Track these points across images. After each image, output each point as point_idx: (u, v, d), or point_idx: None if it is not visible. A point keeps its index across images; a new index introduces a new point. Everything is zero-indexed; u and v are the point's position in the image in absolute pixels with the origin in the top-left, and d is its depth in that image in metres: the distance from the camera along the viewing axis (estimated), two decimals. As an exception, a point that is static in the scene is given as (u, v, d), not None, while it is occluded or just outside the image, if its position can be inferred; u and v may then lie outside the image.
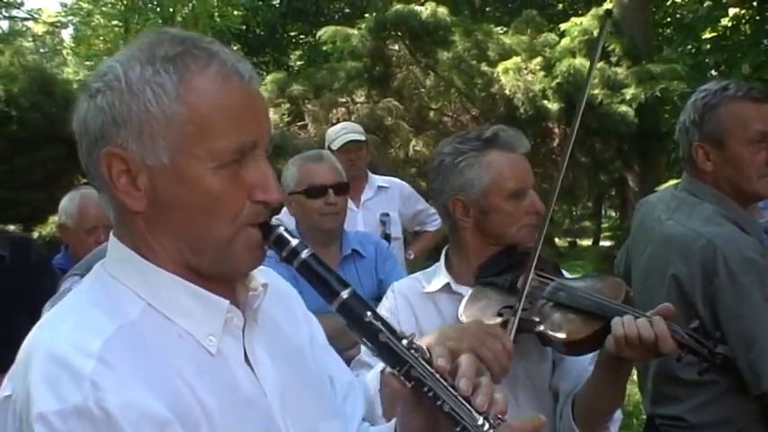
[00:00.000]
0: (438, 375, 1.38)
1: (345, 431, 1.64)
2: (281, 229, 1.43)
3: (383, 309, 2.58)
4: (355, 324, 1.41)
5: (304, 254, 1.42)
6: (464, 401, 1.36)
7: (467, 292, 2.52)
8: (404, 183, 6.24)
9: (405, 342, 1.40)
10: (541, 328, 2.34)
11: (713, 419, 2.81)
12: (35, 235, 10.07)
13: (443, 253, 2.67)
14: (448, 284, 2.57)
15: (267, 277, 1.57)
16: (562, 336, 2.31)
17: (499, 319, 2.37)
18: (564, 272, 2.59)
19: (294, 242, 1.42)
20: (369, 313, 1.41)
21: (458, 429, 1.35)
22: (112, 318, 1.34)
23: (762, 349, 2.58)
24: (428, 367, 1.39)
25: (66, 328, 1.32)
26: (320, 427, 1.53)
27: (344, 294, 1.41)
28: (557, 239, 21.39)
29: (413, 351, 1.40)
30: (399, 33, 11.64)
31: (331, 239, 3.79)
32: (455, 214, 2.53)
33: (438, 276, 2.61)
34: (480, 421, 1.35)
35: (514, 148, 2.53)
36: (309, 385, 1.57)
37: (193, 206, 1.36)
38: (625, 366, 2.27)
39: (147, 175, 1.35)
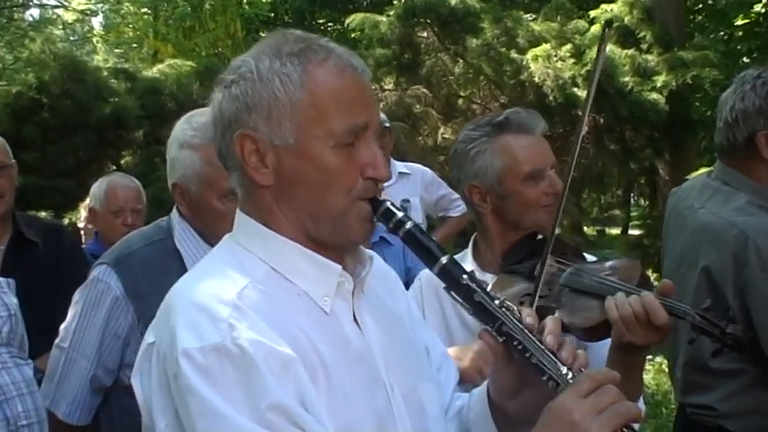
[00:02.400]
0: (527, 331, 1.57)
1: (440, 395, 1.81)
2: (389, 203, 1.62)
3: (411, 297, 2.58)
4: (453, 285, 1.61)
5: (408, 224, 1.61)
6: (551, 353, 1.55)
7: (491, 279, 2.51)
8: (426, 168, 6.25)
9: (497, 302, 1.59)
10: (561, 315, 2.32)
11: (743, 409, 2.79)
12: (65, 222, 10.16)
13: (472, 240, 2.67)
14: (472, 272, 2.55)
15: (376, 259, 1.78)
16: (578, 322, 2.32)
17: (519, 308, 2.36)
18: (588, 256, 2.57)
19: (400, 214, 1.62)
20: (465, 276, 1.60)
21: (544, 378, 1.53)
22: (243, 275, 1.56)
23: None
24: (518, 324, 1.58)
25: (205, 283, 1.55)
26: (419, 388, 1.71)
27: (444, 260, 1.60)
28: (585, 228, 21.28)
29: (504, 309, 1.59)
30: (428, 20, 11.60)
31: None
32: (473, 201, 2.55)
33: (464, 263, 2.58)
34: (565, 371, 1.52)
35: (529, 129, 2.53)
36: (408, 350, 1.76)
37: (313, 180, 1.57)
38: (637, 355, 2.26)
39: (274, 153, 1.57)
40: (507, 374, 1.67)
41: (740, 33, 20.43)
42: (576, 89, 10.81)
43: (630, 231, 21.23)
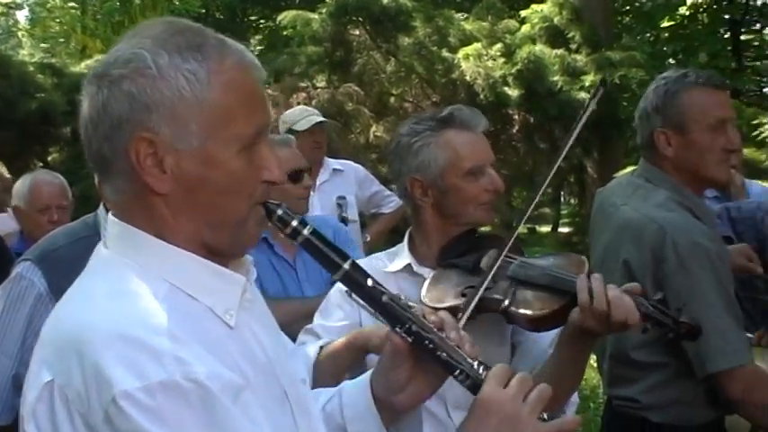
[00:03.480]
0: (435, 330, 1.60)
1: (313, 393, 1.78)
2: (284, 208, 1.54)
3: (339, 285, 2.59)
4: (357, 290, 1.60)
5: (306, 231, 1.55)
6: (459, 349, 1.59)
7: (428, 274, 2.52)
8: (358, 166, 6.26)
9: (402, 303, 1.61)
10: (506, 305, 2.36)
11: (663, 401, 2.85)
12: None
13: (407, 234, 2.67)
14: (409, 265, 2.57)
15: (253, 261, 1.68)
16: (527, 312, 2.33)
17: (462, 300, 2.38)
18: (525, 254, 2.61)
19: (296, 220, 1.55)
20: (369, 280, 1.58)
21: (456, 373, 1.57)
22: (153, 296, 1.38)
23: (705, 335, 2.63)
24: (426, 323, 1.60)
25: (119, 309, 1.35)
26: (301, 390, 1.63)
27: (346, 266, 1.56)
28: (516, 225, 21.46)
29: (410, 310, 1.61)
30: (360, 18, 11.61)
31: None
32: (414, 195, 2.53)
33: (400, 257, 2.61)
34: (476, 365, 1.57)
35: (471, 126, 2.53)
36: (283, 352, 1.66)
37: (218, 187, 1.44)
38: (588, 342, 2.29)
39: (175, 158, 1.41)
40: (402, 371, 1.67)
41: (666, 35, 20.90)
42: (506, 88, 10.93)
43: (560, 229, 21.56)
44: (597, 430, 3.45)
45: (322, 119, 5.83)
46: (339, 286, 2.53)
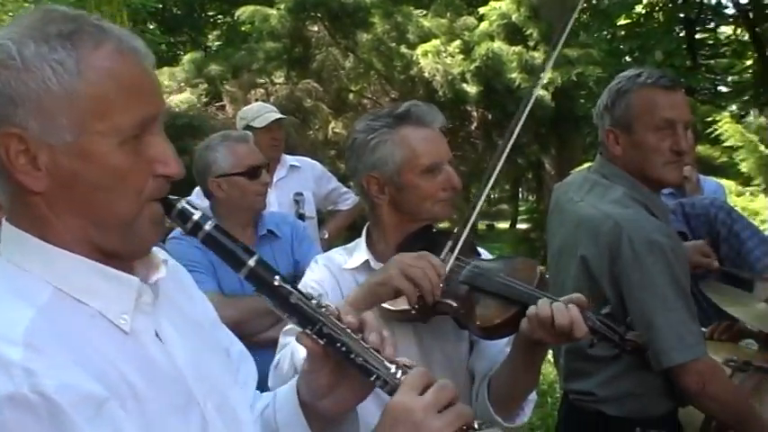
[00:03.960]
0: (348, 331, 1.47)
1: (247, 398, 1.68)
2: (184, 203, 1.45)
3: (310, 279, 2.55)
4: (265, 289, 1.47)
5: (208, 225, 1.45)
6: (375, 353, 1.46)
7: None
8: (316, 162, 6.25)
9: (314, 302, 1.48)
10: (458, 312, 2.35)
11: (619, 393, 2.88)
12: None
13: (365, 230, 2.66)
14: (367, 262, 2.55)
15: (168, 260, 1.59)
16: (480, 321, 2.32)
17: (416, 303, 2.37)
18: (481, 250, 2.61)
19: (197, 215, 1.44)
20: (277, 277, 1.46)
21: (372, 378, 1.45)
22: (26, 303, 1.30)
23: (658, 330, 2.66)
24: (339, 323, 1.47)
25: None
26: (229, 395, 1.56)
27: (251, 262, 1.45)
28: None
29: (322, 310, 1.47)
30: (319, 15, 11.58)
31: (253, 220, 3.77)
32: (370, 192, 2.51)
33: (358, 253, 2.59)
34: (393, 369, 1.45)
35: (428, 122, 2.52)
36: (212, 356, 1.58)
37: (98, 183, 1.34)
38: (540, 349, 2.30)
39: (49, 154, 1.32)
40: (322, 375, 1.56)
41: (622, 33, 21.10)
42: (464, 85, 10.97)
43: (518, 225, 21.68)
44: (555, 425, 3.47)
45: (280, 116, 5.82)
46: (309, 282, 2.52)
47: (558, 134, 11.63)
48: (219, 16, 25.03)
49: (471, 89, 10.96)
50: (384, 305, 2.37)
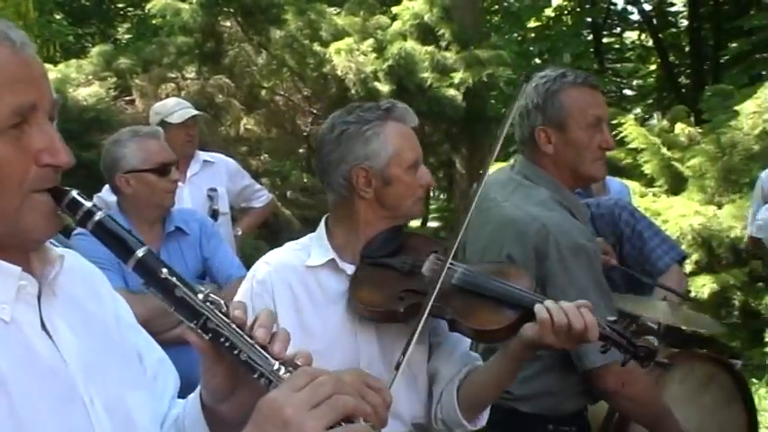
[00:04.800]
0: (234, 326, 1.42)
1: (154, 403, 1.63)
2: (74, 193, 1.42)
3: (255, 282, 2.52)
4: (152, 281, 1.44)
5: (99, 215, 1.43)
6: (261, 349, 1.41)
7: (350, 269, 2.51)
8: (230, 159, 6.22)
9: (201, 296, 1.44)
10: (452, 315, 2.37)
11: (535, 392, 2.93)
12: None
13: (323, 225, 2.62)
14: (333, 260, 2.52)
15: (72, 258, 1.58)
16: (477, 325, 2.36)
17: (401, 303, 2.39)
18: None
19: (88, 204, 1.43)
20: (164, 270, 1.43)
21: (255, 376, 1.40)
22: None
23: None
24: (224, 318, 1.43)
25: None
26: (127, 397, 1.53)
27: (140, 252, 1.43)
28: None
29: (209, 304, 1.43)
30: (231, 10, 11.45)
31: (161, 217, 3.72)
32: (357, 184, 2.48)
33: (320, 249, 2.55)
34: (276, 366, 1.39)
35: (407, 120, 2.55)
36: (114, 358, 1.56)
37: None
38: (532, 354, 2.37)
39: None
40: (218, 375, 1.51)
41: (533, 35, 21.45)
42: (377, 83, 10.98)
43: (429, 224, 21.84)
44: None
45: (196, 112, 5.79)
46: (249, 284, 2.50)
47: (469, 134, 11.75)
48: (130, 9, 24.53)
49: (384, 88, 10.99)
50: (363, 304, 2.40)
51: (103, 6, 23.79)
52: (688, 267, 6.37)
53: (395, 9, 12.42)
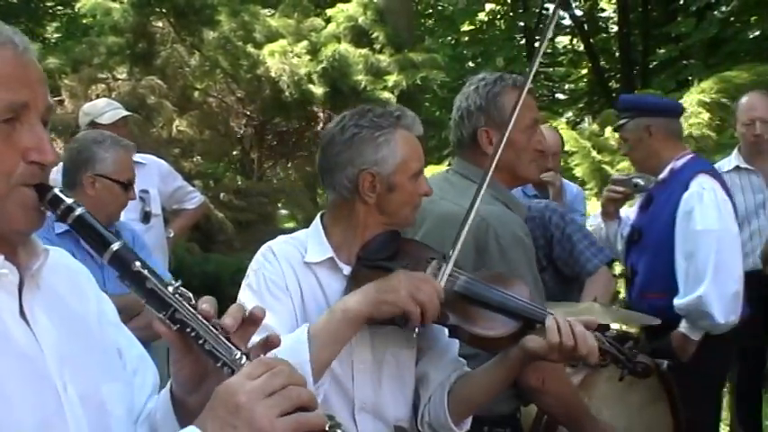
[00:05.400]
0: (200, 317, 1.48)
1: (130, 397, 1.69)
2: (57, 190, 1.49)
3: (266, 270, 2.50)
4: (125, 273, 1.50)
5: (78, 210, 1.49)
6: (224, 339, 1.47)
7: (347, 269, 2.51)
8: (161, 160, 6.16)
9: (170, 289, 1.49)
10: (455, 321, 2.39)
11: None
12: None
13: (318, 222, 2.62)
14: (332, 258, 2.52)
15: (59, 255, 1.66)
16: (481, 332, 2.39)
17: None
18: None
19: (69, 200, 1.49)
20: (137, 263, 1.49)
21: (218, 364, 1.46)
22: None
23: None
24: (191, 310, 1.49)
25: None
26: (102, 388, 1.59)
27: (115, 246, 1.49)
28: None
29: (177, 296, 1.49)
30: (164, 10, 11.35)
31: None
32: (362, 188, 2.49)
33: (319, 246, 2.55)
34: (238, 355, 1.45)
35: (415, 129, 2.57)
36: (92, 350, 1.63)
37: None
38: (528, 364, 2.42)
39: None
40: (186, 366, 1.57)
41: (466, 39, 21.62)
42: (311, 86, 10.99)
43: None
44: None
45: (127, 113, 5.74)
46: (269, 276, 2.48)
47: (403, 137, 11.80)
48: (59, 7, 24.10)
49: (318, 90, 11.00)
50: None
51: (32, 5, 23.33)
52: (617, 269, 6.47)
53: (329, 11, 12.43)
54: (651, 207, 4.40)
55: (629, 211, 4.66)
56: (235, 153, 12.74)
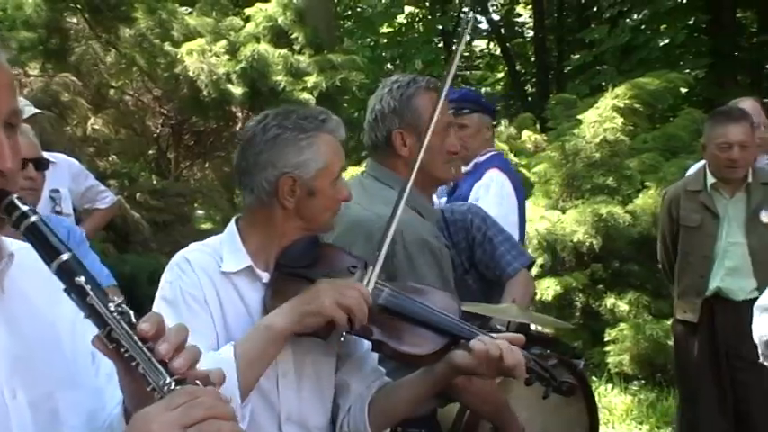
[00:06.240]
0: (136, 338, 1.42)
1: (96, 403, 1.67)
2: (14, 197, 1.47)
3: (182, 281, 2.39)
4: (70, 286, 1.46)
5: (33, 218, 1.47)
6: (157, 363, 1.40)
7: (266, 277, 2.44)
8: (73, 159, 6.04)
9: (111, 306, 1.44)
10: (379, 336, 2.36)
11: None
12: None
13: (234, 227, 2.53)
14: (250, 267, 2.45)
15: (33, 258, 1.59)
16: (407, 349, 2.36)
17: None
18: None
19: (24, 208, 1.47)
20: (82, 278, 1.46)
21: (149, 389, 1.40)
22: None
23: None
24: (128, 329, 1.43)
25: None
26: (57, 395, 1.57)
27: (65, 256, 1.46)
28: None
29: (116, 314, 1.44)
30: (78, 6, 11.10)
31: None
32: (282, 192, 2.42)
33: (235, 254, 2.46)
34: (168, 380, 1.39)
35: (339, 134, 2.52)
36: (55, 356, 1.61)
37: None
38: (454, 378, 2.42)
39: None
40: (131, 383, 1.51)
41: (385, 41, 21.71)
42: (230, 86, 10.88)
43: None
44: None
45: (36, 110, 5.61)
46: (185, 288, 2.38)
47: (322, 137, 11.80)
48: (-33, 1, 23.44)
49: (236, 90, 10.89)
50: None
51: (-62, -3, 22.63)
52: (534, 271, 6.59)
53: (248, 11, 12.32)
54: (455, 194, 5.01)
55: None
56: (151, 153, 12.53)
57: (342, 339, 2.34)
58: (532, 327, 4.33)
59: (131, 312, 1.47)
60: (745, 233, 4.93)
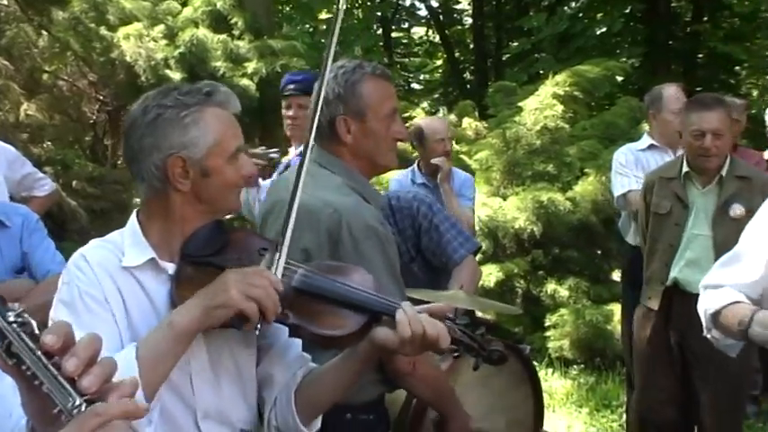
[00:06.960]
0: (40, 353, 1.28)
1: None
2: None
3: (79, 281, 2.22)
4: None
5: None
6: (64, 382, 1.27)
7: (171, 268, 2.29)
8: (8, 146, 5.85)
9: (11, 315, 1.29)
10: (295, 321, 2.23)
11: None
12: None
13: (135, 220, 2.36)
14: (153, 259, 2.28)
15: None
16: (326, 332, 2.23)
17: None
18: None
19: None
20: None
21: (55, 411, 1.26)
22: None
23: None
24: (30, 343, 1.28)
25: None
26: None
27: None
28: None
29: (15, 326, 1.29)
30: (9, -13, 10.87)
31: None
32: (173, 175, 2.25)
33: (136, 248, 2.30)
34: (78, 402, 1.26)
35: (230, 106, 2.34)
36: None
37: None
38: (377, 358, 2.33)
39: None
40: (34, 401, 1.37)
41: (324, 27, 21.63)
42: (168, 71, 10.74)
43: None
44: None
45: None
46: (84, 288, 2.20)
47: (263, 124, 11.69)
48: None
49: (175, 75, 10.75)
50: None
51: None
52: (477, 257, 6.65)
53: (185, -5, 12.17)
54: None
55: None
56: (87, 139, 12.33)
57: (257, 331, 2.18)
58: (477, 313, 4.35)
59: (34, 323, 1.31)
60: (711, 225, 4.90)
